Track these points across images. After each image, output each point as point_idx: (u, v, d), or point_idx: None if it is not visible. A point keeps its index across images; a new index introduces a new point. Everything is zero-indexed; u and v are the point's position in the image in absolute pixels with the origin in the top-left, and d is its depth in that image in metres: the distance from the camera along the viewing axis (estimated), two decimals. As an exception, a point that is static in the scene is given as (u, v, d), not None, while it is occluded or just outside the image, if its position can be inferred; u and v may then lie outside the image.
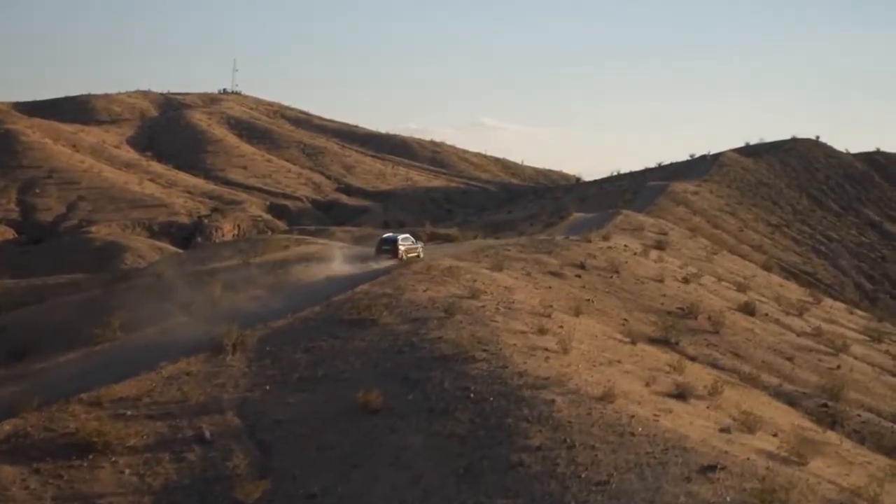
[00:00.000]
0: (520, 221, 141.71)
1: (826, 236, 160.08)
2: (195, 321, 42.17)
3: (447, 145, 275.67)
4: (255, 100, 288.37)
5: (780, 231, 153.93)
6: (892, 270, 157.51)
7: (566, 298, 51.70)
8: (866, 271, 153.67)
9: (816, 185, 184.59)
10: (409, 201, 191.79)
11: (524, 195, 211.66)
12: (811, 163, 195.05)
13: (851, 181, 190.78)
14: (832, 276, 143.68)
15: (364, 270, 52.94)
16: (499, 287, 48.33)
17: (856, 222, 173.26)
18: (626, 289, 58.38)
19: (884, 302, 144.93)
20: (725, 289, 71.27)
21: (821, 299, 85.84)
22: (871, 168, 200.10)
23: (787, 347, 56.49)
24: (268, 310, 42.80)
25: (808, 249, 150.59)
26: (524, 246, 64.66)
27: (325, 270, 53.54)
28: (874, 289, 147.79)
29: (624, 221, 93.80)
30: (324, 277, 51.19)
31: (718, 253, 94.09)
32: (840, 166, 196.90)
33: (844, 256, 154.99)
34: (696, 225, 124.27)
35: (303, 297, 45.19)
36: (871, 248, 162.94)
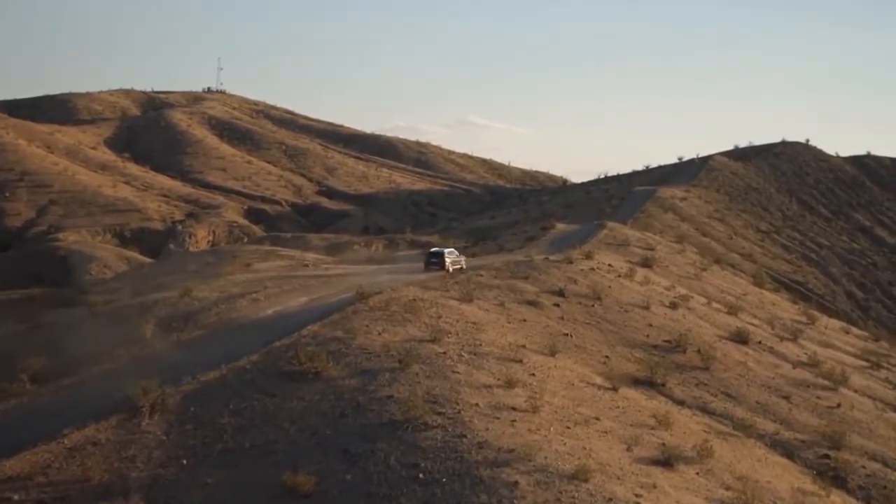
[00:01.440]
0: (503, 228, 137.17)
1: (816, 243, 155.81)
2: (118, 371, 37.13)
3: (433, 146, 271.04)
4: (240, 99, 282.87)
5: (770, 238, 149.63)
6: (883, 278, 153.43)
7: (541, 333, 46.84)
8: (857, 279, 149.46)
9: (806, 190, 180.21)
10: (392, 205, 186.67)
11: (509, 198, 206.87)
12: (801, 167, 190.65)
13: (842, 185, 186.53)
14: (823, 284, 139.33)
15: (319, 302, 47.99)
16: (466, 324, 43.24)
17: (846, 228, 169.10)
18: (608, 319, 53.45)
19: (875, 311, 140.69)
20: (716, 312, 66.50)
21: (815, 318, 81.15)
22: (862, 172, 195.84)
23: (782, 383, 51.91)
24: (201, 357, 37.72)
25: (798, 257, 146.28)
26: (499, 270, 59.50)
27: (275, 303, 48.34)
28: (865, 297, 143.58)
29: (609, 236, 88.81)
30: (272, 313, 45.96)
31: (708, 269, 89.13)
32: (830, 170, 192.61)
33: (835, 264, 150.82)
34: (685, 233, 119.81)
35: (244, 339, 40.10)
36: (862, 254, 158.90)
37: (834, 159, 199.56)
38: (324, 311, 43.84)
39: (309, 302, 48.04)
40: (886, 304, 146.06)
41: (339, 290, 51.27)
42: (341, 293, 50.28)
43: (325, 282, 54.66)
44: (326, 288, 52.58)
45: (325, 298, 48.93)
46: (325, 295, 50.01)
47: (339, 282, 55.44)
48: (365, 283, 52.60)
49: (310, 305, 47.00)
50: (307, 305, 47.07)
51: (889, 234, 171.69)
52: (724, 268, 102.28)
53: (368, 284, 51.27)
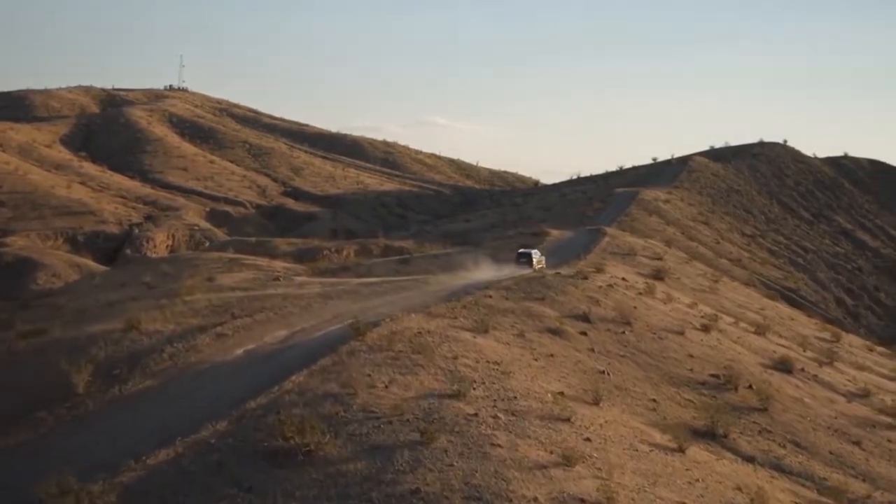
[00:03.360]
0: (480, 231, 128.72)
1: (801, 247, 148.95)
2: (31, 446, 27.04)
3: (400, 146, 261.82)
4: (202, 97, 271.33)
5: (756, 242, 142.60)
6: (869, 283, 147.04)
7: (575, 373, 37.38)
8: (845, 284, 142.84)
9: (787, 192, 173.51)
10: (360, 206, 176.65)
11: (480, 199, 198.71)
12: (780, 168, 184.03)
13: (821, 187, 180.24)
14: (814, 291, 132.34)
15: (302, 337, 38.00)
16: (488, 366, 33.47)
17: (828, 231, 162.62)
18: (643, 349, 44.08)
19: (866, 318, 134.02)
20: (745, 332, 57.60)
21: (839, 335, 72.69)
22: (840, 173, 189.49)
23: (846, 424, 43.36)
24: (150, 422, 27.79)
25: (785, 262, 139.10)
26: (509, 290, 49.70)
27: (246, 338, 37.91)
28: (855, 304, 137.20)
29: (612, 244, 79.71)
30: (242, 354, 35.38)
31: (719, 280, 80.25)
32: (809, 171, 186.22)
33: (822, 269, 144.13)
34: (671, 237, 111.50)
35: (207, 394, 30.02)
36: (847, 258, 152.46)
37: (812, 160, 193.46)
38: (309, 352, 33.57)
39: (289, 337, 37.68)
40: (875, 310, 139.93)
41: (325, 319, 41.13)
42: (328, 323, 40.26)
43: (305, 307, 44.41)
44: (308, 316, 42.31)
45: (308, 332, 38.61)
46: (309, 326, 39.74)
47: (322, 306, 45.32)
48: (356, 309, 42.93)
49: (290, 342, 36.68)
50: (287, 342, 36.76)
51: (871, 237, 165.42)
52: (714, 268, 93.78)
53: (360, 311, 41.60)
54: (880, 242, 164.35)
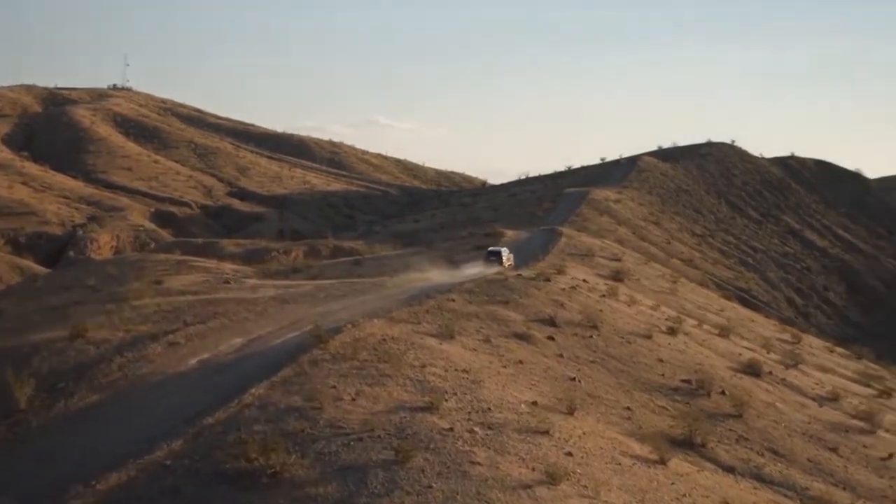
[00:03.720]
0: (430, 231, 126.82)
1: (751, 247, 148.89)
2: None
3: (346, 146, 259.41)
4: (147, 96, 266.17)
5: (706, 242, 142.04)
6: (818, 283, 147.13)
7: (546, 380, 35.63)
8: (794, 284, 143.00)
9: (735, 192, 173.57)
10: (307, 207, 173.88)
11: (427, 199, 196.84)
12: (728, 168, 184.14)
13: (769, 187, 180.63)
14: (765, 291, 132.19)
15: (260, 345, 35.71)
16: (457, 374, 31.55)
17: (777, 231, 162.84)
18: (612, 354, 42.45)
19: (816, 318, 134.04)
20: (710, 335, 56.25)
21: (799, 337, 71.61)
22: (787, 174, 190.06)
23: (820, 429, 42.40)
24: (99, 441, 25.51)
25: (736, 262, 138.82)
26: (472, 293, 47.76)
27: (200, 347, 35.49)
28: (805, 304, 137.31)
29: (569, 245, 78.05)
30: (196, 364, 32.92)
31: (678, 281, 79.00)
32: (757, 171, 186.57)
33: (771, 268, 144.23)
34: (623, 237, 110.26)
35: (161, 410, 27.63)
36: (796, 258, 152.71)
37: (760, 161, 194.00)
38: (269, 362, 31.29)
39: (245, 345, 35.26)
40: (825, 310, 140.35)
41: (283, 326, 38.82)
42: (286, 329, 37.99)
43: (261, 312, 42.03)
44: (265, 322, 39.93)
45: (266, 339, 36.25)
46: (266, 334, 37.37)
47: (279, 311, 42.99)
48: (314, 314, 40.82)
49: (247, 351, 34.32)
50: (244, 351, 34.38)
51: (819, 236, 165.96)
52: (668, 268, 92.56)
53: (319, 317, 39.50)
54: (828, 242, 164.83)
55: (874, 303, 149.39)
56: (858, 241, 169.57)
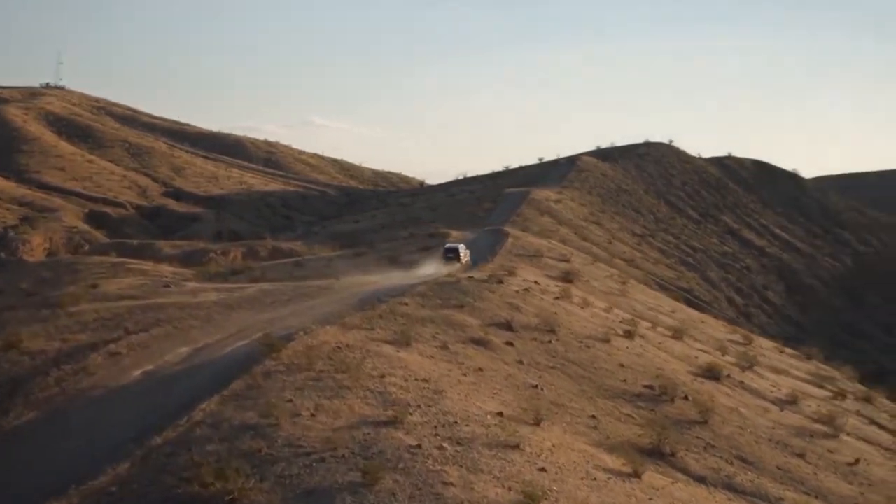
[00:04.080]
0: (370, 232, 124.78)
1: (690, 246, 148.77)
2: None
3: (282, 145, 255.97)
4: (80, 95, 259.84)
5: (647, 242, 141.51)
6: (758, 282, 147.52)
7: (508, 389, 33.98)
8: (734, 284, 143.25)
9: (674, 192, 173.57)
10: (244, 207, 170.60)
11: (366, 200, 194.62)
12: (666, 168, 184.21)
13: (707, 187, 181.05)
14: (706, 291, 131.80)
15: (207, 354, 33.50)
16: (418, 384, 29.75)
17: (716, 230, 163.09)
18: (573, 359, 40.95)
19: (757, 317, 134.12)
20: (665, 338, 55.01)
21: (750, 338, 70.60)
22: (725, 173, 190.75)
23: (785, 434, 41.31)
24: (36, 463, 23.36)
25: (676, 262, 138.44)
26: (425, 297, 45.91)
27: (144, 357, 33.13)
28: (745, 303, 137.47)
29: (516, 246, 76.48)
30: (140, 377, 30.62)
31: (626, 282, 77.82)
32: (695, 171, 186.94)
33: (712, 268, 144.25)
34: (565, 237, 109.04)
35: (103, 427, 25.53)
36: (735, 258, 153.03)
37: (697, 160, 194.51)
38: (218, 373, 29.21)
39: (192, 355, 33.06)
40: (765, 309, 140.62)
41: (231, 334, 36.69)
42: (234, 338, 35.88)
43: (206, 319, 39.84)
44: (211, 329, 37.77)
45: (213, 348, 34.10)
46: (213, 342, 35.23)
47: (224, 317, 40.81)
48: (262, 320, 38.80)
49: (195, 361, 32.12)
50: (190, 361, 32.17)
51: (757, 236, 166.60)
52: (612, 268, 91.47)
53: (268, 323, 37.52)
54: (766, 241, 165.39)
55: (812, 302, 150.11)
56: (796, 240, 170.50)
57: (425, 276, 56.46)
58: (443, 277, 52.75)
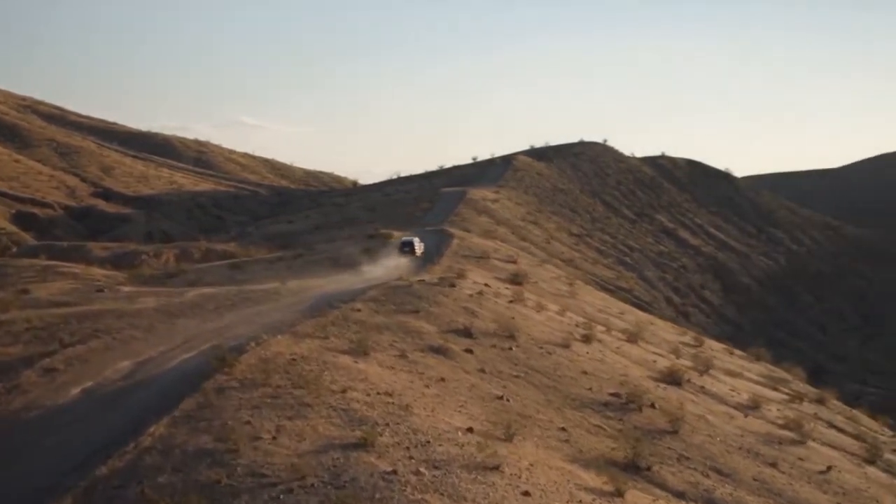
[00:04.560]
0: (305, 233, 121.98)
1: (627, 246, 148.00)
2: None
3: (212, 145, 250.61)
4: (5, 93, 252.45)
5: (584, 241, 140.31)
6: (695, 281, 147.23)
7: (474, 401, 31.81)
8: (672, 283, 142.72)
9: (609, 191, 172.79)
10: (175, 208, 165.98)
11: (298, 200, 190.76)
12: (601, 167, 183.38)
13: (642, 186, 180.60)
14: (645, 291, 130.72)
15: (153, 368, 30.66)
16: (383, 400, 27.38)
17: (651, 230, 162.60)
18: (536, 367, 38.94)
19: (695, 317, 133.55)
20: (620, 341, 53.32)
21: (701, 340, 69.13)
22: (659, 173, 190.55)
23: (754, 442, 39.89)
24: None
25: (614, 261, 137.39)
26: (378, 302, 43.52)
27: (82, 373, 30.10)
28: (683, 302, 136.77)
29: (462, 247, 74.40)
30: (80, 395, 27.64)
31: (574, 283, 76.10)
32: (629, 171, 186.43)
33: (649, 267, 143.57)
34: (504, 237, 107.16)
35: (39, 454, 22.72)
36: (671, 257, 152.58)
37: (632, 160, 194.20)
38: (166, 391, 26.57)
39: (135, 370, 30.18)
40: (703, 308, 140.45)
41: (176, 345, 33.90)
42: (180, 349, 33.10)
43: (148, 328, 36.93)
44: (154, 340, 34.89)
45: (158, 362, 31.29)
46: (158, 355, 32.40)
47: (168, 326, 37.95)
48: (209, 329, 36.20)
49: (138, 377, 29.28)
50: (134, 377, 29.31)
51: (692, 235, 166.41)
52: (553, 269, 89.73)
53: (215, 333, 34.95)
54: (701, 241, 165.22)
55: (748, 301, 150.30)
56: (730, 239, 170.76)
57: (374, 279, 54.16)
58: (394, 281, 50.36)
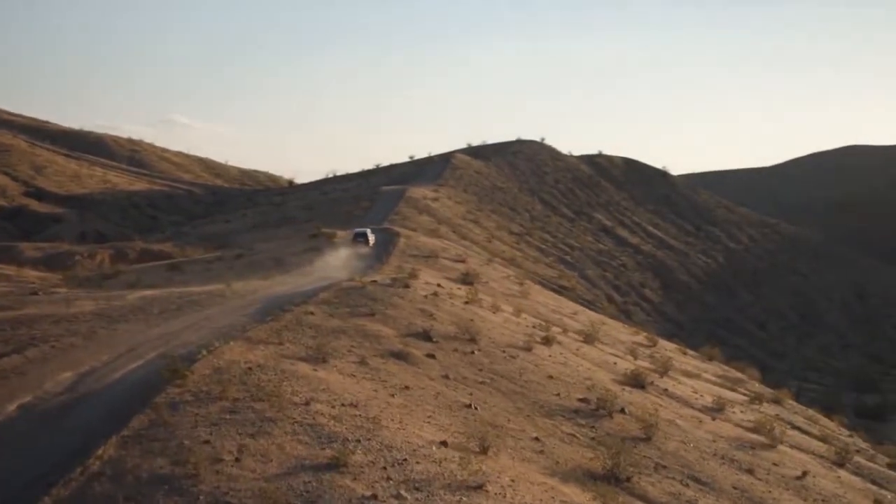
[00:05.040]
0: (243, 233, 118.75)
1: (567, 244, 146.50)
2: None
3: (146, 143, 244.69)
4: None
5: (525, 240, 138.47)
6: (635, 280, 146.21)
7: (441, 409, 29.67)
8: (612, 281, 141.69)
9: (547, 190, 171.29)
10: (109, 208, 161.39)
11: (234, 199, 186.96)
12: (539, 166, 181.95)
13: (580, 185, 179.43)
14: (586, 289, 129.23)
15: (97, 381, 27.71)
16: (350, 413, 25.07)
17: (590, 228, 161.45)
18: (500, 372, 36.81)
19: (636, 315, 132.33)
20: (578, 343, 51.45)
21: (655, 340, 67.49)
22: (596, 171, 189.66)
23: (727, 448, 38.33)
24: None
25: (555, 260, 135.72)
26: (330, 304, 40.98)
27: (18, 387, 26.98)
28: (624, 301, 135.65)
29: (409, 246, 72.14)
30: (15, 412, 24.16)
31: (524, 283, 74.15)
32: (567, 169, 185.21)
33: (590, 266, 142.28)
34: (445, 236, 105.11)
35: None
36: (611, 255, 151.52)
37: (569, 158, 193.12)
38: (113, 405, 23.76)
39: (77, 382, 27.22)
40: (643, 307, 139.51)
41: (120, 353, 30.96)
42: (125, 358, 30.16)
43: (89, 335, 33.90)
44: (96, 348, 31.85)
45: (102, 373, 28.24)
46: (101, 365, 29.36)
47: (110, 332, 35.03)
48: (155, 336, 33.48)
49: (81, 389, 26.33)
50: (76, 389, 26.26)
51: (630, 233, 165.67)
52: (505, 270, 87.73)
53: (162, 339, 32.29)
54: (639, 239, 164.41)
55: (688, 299, 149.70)
56: (669, 237, 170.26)
57: (322, 280, 51.71)
58: (345, 282, 47.79)
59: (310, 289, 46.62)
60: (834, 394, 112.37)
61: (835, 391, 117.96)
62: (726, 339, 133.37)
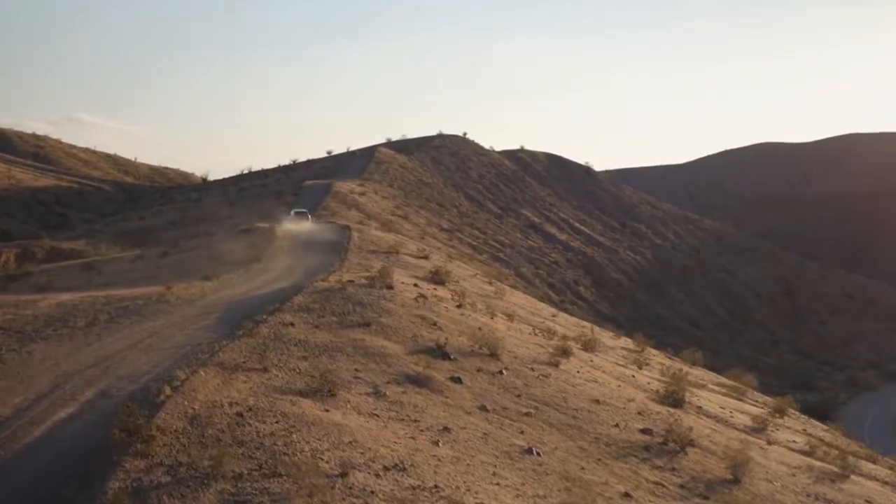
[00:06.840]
0: (161, 230, 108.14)
1: (498, 241, 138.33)
2: None
3: (52, 139, 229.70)
4: None
5: (456, 237, 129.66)
6: (569, 277, 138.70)
7: (499, 458, 21.04)
8: (547, 279, 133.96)
9: (472, 185, 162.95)
10: (14, 205, 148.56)
11: (147, 196, 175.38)
12: (463, 161, 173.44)
13: (505, 180, 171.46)
14: (524, 287, 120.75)
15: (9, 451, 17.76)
16: (400, 480, 16.02)
17: (518, 224, 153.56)
18: (540, 398, 27.65)
19: (574, 314, 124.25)
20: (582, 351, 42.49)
21: (643, 345, 58.90)
22: (520, 167, 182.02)
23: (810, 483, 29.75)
24: None
25: (489, 257, 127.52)
26: (311, 312, 31.07)
27: None
28: (561, 299, 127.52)
29: (365, 241, 62.56)
30: None
31: (493, 282, 65.40)
32: (491, 165, 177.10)
33: (523, 263, 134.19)
34: (397, 230, 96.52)
35: None
36: (542, 252, 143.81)
37: (492, 154, 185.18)
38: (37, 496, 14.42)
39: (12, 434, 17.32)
40: (580, 304, 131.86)
41: (41, 393, 20.21)
42: (48, 402, 19.64)
43: (22, 360, 23.75)
44: (4, 386, 21.94)
45: (13, 430, 18.07)
46: (11, 414, 19.12)
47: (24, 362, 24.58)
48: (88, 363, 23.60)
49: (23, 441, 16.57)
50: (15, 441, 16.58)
51: (558, 230, 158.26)
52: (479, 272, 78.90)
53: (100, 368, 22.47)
54: (568, 235, 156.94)
55: (619, 296, 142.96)
56: (596, 234, 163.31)
57: (280, 280, 42.14)
58: (319, 283, 37.79)
59: (269, 291, 36.84)
60: (783, 395, 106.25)
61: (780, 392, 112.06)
62: (661, 337, 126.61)
